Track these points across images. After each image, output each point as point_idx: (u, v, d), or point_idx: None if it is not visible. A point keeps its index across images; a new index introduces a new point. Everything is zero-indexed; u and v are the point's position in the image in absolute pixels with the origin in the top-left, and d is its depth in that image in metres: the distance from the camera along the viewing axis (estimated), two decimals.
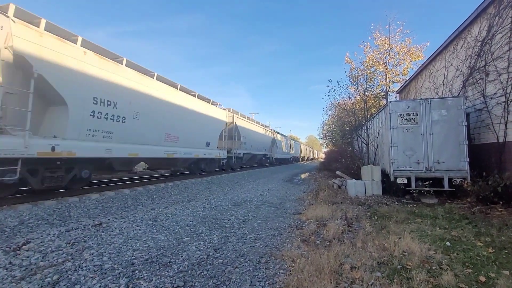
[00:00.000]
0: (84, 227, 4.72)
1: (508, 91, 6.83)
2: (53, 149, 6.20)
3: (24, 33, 5.64)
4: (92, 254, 3.54)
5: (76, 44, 6.93)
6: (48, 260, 3.30)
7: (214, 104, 14.80)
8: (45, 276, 2.88)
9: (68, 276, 2.90)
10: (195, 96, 12.79)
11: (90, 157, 7.21)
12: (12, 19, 5.45)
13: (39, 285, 2.70)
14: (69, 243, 3.91)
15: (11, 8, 5.56)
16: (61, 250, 3.65)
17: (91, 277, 2.90)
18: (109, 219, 5.36)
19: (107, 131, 7.64)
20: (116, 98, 7.89)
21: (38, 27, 6.07)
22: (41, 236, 4.15)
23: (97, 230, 4.60)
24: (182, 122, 11.38)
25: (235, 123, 17.69)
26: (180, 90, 11.43)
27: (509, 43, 6.86)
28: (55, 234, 4.29)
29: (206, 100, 14.05)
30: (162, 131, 10.17)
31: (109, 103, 7.63)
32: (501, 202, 6.26)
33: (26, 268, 3.07)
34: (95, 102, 7.23)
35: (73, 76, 6.69)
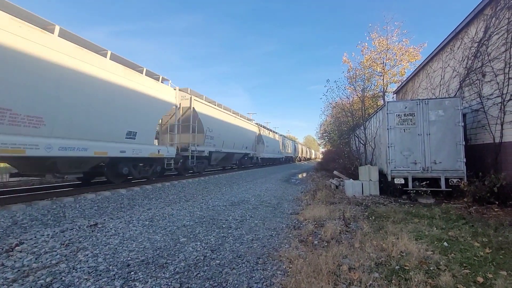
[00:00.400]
0: (79, 228, 4.65)
1: (505, 92, 6.87)
2: None
3: None
4: (87, 255, 3.49)
5: None
6: (42, 262, 3.24)
7: (154, 77, 9.83)
8: (38, 278, 2.83)
9: (61, 278, 2.84)
10: (105, 57, 7.80)
11: None
12: None
13: (31, 287, 2.64)
14: (63, 244, 3.84)
15: None
16: (55, 251, 3.58)
17: (86, 278, 2.85)
18: (104, 220, 5.29)
19: None
20: None
21: None
22: (35, 237, 4.08)
23: (92, 231, 4.54)
24: (56, 91, 6.35)
25: (193, 108, 12.25)
26: (59, 36, 6.46)
27: (505, 44, 6.89)
28: (49, 235, 4.22)
29: (136, 69, 9.06)
30: None
31: None
32: (497, 202, 6.30)
33: (19, 270, 3.01)
34: None
35: None
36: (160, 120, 11.25)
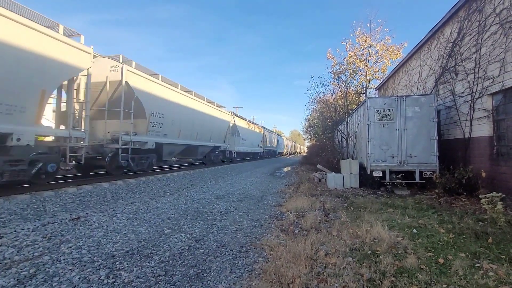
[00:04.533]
0: (61, 221, 4.61)
1: (474, 90, 7.33)
2: None
3: None
4: (71, 247, 3.50)
5: None
6: (24, 254, 3.23)
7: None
8: (21, 269, 2.84)
9: (45, 269, 2.87)
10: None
11: None
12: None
13: (15, 278, 2.65)
14: (45, 237, 3.82)
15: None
16: (37, 244, 3.57)
17: (70, 269, 2.89)
18: (87, 213, 5.26)
19: None
20: None
21: None
22: (15, 231, 4.02)
23: (75, 224, 4.51)
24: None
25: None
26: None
27: (476, 45, 7.33)
28: (29, 228, 4.17)
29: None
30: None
31: None
32: (464, 193, 6.79)
33: (0, 263, 2.99)
34: None
35: None
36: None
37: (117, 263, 3.09)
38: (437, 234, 3.97)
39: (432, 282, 2.60)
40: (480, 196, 5.05)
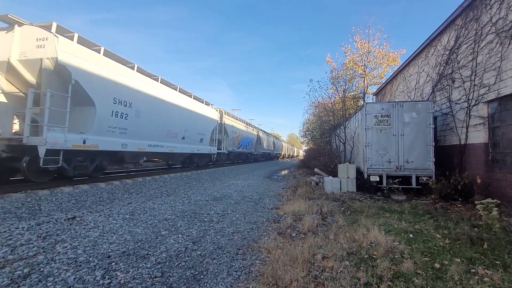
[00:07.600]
0: (56, 221, 4.56)
1: (470, 97, 7.43)
2: None
3: None
4: (66, 247, 3.47)
5: None
6: (18, 254, 3.19)
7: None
8: (15, 269, 2.80)
9: (40, 269, 2.83)
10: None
11: None
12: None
13: (8, 278, 2.62)
14: (40, 237, 3.78)
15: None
16: (32, 243, 3.53)
17: (65, 269, 2.86)
18: (83, 213, 5.21)
19: None
20: None
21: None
22: (9, 230, 3.97)
23: (71, 224, 4.47)
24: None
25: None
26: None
27: (472, 54, 7.44)
28: (24, 227, 4.12)
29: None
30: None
31: None
32: (460, 199, 6.85)
33: None
34: None
35: None
36: None
37: (113, 263, 3.06)
38: (433, 239, 3.99)
39: (429, 286, 2.61)
40: (475, 202, 5.09)
